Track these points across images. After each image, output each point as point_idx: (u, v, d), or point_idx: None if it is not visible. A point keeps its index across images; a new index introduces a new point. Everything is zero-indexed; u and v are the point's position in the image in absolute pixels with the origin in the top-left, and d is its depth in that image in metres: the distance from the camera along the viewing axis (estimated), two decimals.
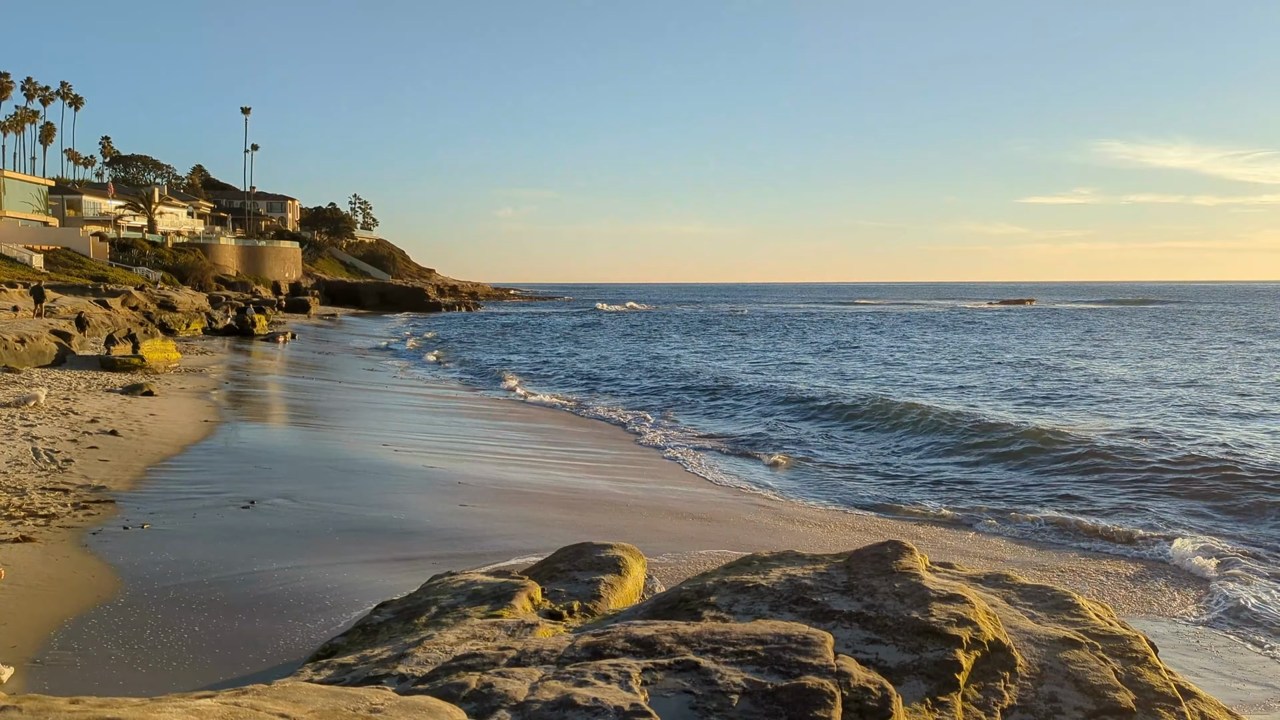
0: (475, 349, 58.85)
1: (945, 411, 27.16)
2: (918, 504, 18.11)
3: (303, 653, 8.80)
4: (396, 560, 12.24)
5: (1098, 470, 20.26)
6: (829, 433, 26.18)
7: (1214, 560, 13.60)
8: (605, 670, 5.67)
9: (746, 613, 7.04)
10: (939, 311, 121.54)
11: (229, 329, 57.88)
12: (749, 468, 21.70)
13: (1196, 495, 18.08)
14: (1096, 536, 15.41)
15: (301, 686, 5.29)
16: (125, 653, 8.89)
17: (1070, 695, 6.24)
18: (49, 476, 15.70)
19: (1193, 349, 55.75)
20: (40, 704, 4.35)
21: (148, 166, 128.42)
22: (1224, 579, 12.82)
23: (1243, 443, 22.77)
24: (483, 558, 12.34)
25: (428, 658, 6.33)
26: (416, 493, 16.39)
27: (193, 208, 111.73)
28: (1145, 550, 14.64)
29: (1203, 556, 13.80)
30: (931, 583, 7.22)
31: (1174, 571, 13.62)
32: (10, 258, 69.43)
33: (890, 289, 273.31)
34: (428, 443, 22.06)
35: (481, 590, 8.09)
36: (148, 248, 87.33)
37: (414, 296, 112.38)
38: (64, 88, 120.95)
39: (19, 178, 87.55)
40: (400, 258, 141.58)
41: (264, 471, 17.49)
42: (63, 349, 34.73)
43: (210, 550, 12.30)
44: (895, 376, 40.66)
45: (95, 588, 10.55)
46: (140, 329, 45.99)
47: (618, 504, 16.70)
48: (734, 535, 14.81)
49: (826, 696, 5.37)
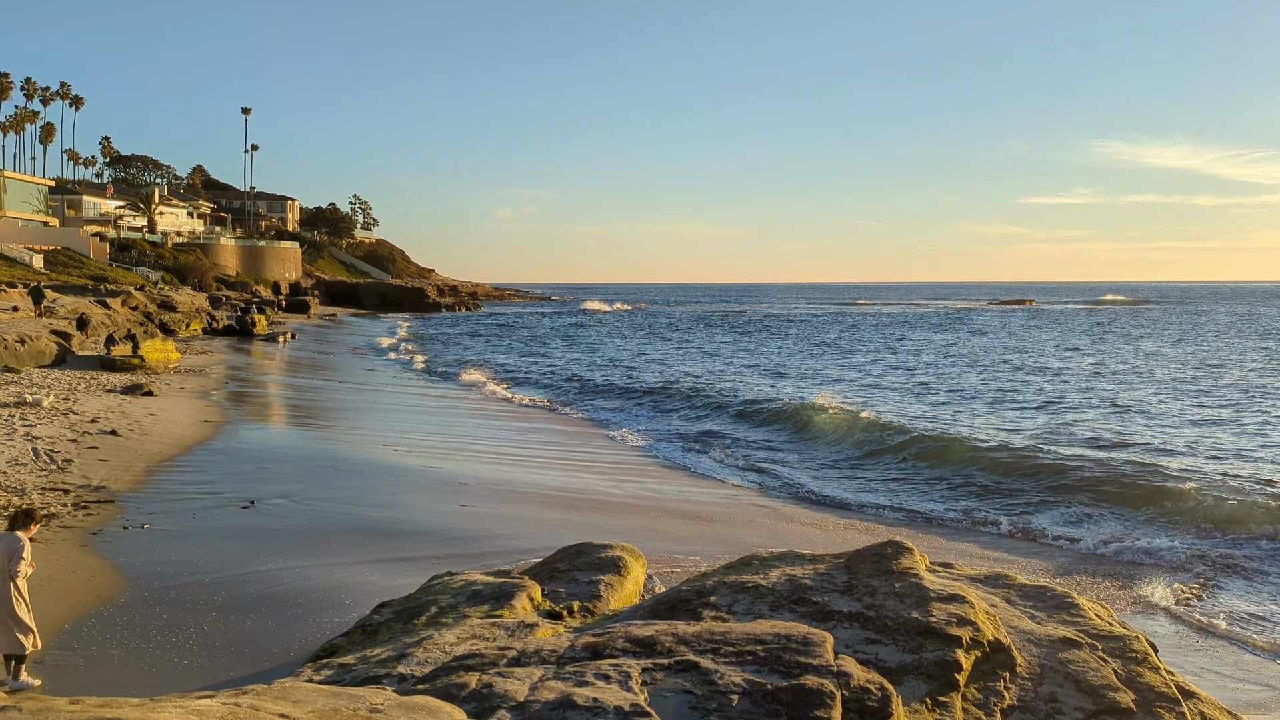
0: (466, 348, 58.96)
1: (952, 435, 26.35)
2: (914, 507, 18.12)
3: (303, 653, 8.80)
4: (396, 560, 12.24)
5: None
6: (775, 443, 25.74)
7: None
8: (605, 670, 5.67)
9: (746, 613, 7.04)
10: (931, 312, 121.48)
11: (229, 329, 57.88)
12: (701, 460, 21.82)
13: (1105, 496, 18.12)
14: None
15: (301, 686, 5.29)
16: (126, 652, 8.89)
17: (1070, 695, 6.24)
18: (49, 476, 15.69)
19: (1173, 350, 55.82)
20: (40, 704, 4.35)
21: (148, 166, 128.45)
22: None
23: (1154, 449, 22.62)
24: (481, 558, 12.35)
25: (428, 658, 6.33)
26: (416, 492, 16.40)
27: (193, 208, 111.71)
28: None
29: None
30: (931, 583, 7.22)
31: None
32: (10, 258, 69.43)
33: (889, 289, 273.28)
34: (426, 443, 22.07)
35: (481, 590, 8.09)
36: (148, 248, 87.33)
37: (414, 297, 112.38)
38: (64, 88, 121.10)
39: (19, 178, 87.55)
40: (400, 258, 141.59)
41: (264, 471, 17.49)
42: (63, 349, 34.73)
43: (211, 550, 12.30)
44: (884, 381, 40.67)
45: (95, 588, 10.55)
46: (140, 329, 45.98)
47: (612, 503, 16.72)
48: (731, 534, 14.82)
49: (826, 696, 5.38)
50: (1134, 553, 14.56)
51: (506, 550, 12.86)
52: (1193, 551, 14.46)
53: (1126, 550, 14.72)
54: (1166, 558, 14.27)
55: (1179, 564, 13.98)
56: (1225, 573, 13.51)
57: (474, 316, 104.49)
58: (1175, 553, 14.41)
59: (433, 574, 9.56)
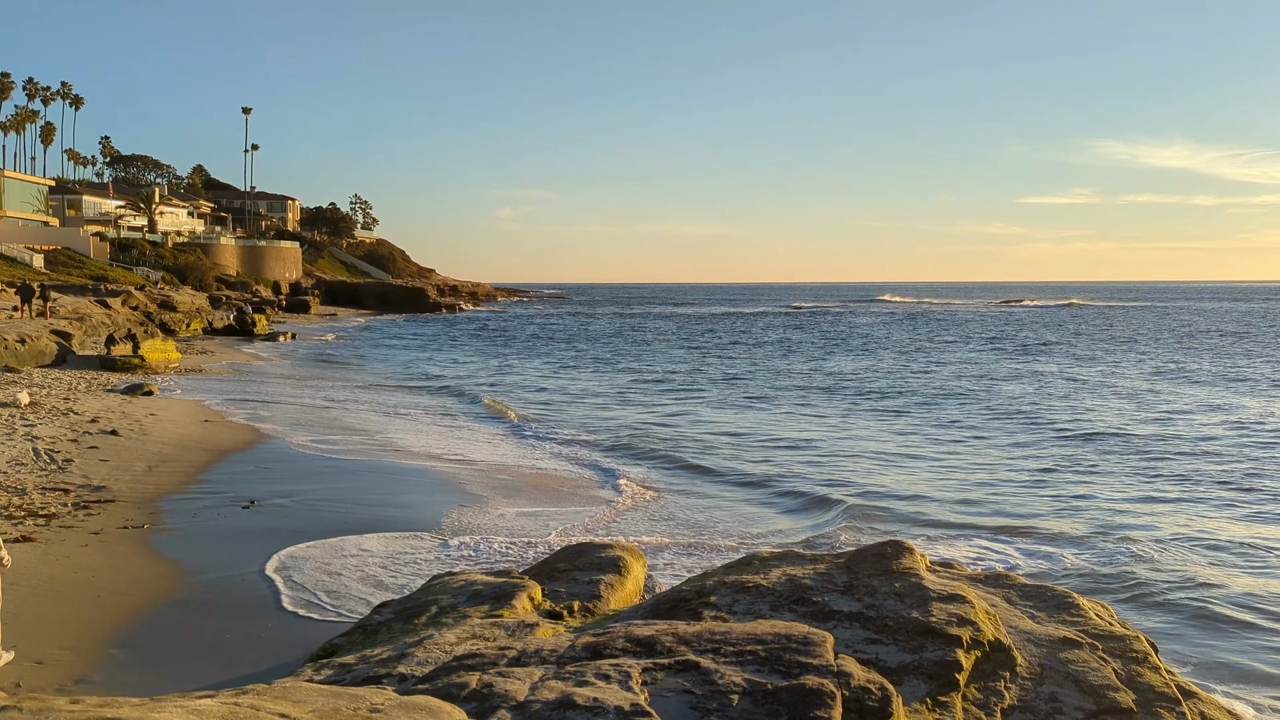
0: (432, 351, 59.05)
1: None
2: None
3: (303, 653, 8.80)
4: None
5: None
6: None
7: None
8: (605, 670, 5.67)
9: (747, 613, 7.04)
10: (980, 313, 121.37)
11: (229, 329, 57.91)
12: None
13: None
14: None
15: (301, 686, 5.29)
16: (126, 652, 8.89)
17: (1070, 695, 6.24)
18: (49, 476, 15.70)
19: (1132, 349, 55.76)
20: (40, 704, 4.35)
21: (148, 166, 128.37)
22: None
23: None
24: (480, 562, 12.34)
25: (428, 658, 6.33)
26: (416, 492, 16.41)
27: (193, 208, 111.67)
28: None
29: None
30: (932, 583, 7.22)
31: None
32: (10, 258, 69.45)
33: (888, 289, 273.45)
34: (426, 443, 22.11)
35: (482, 590, 8.09)
36: (148, 248, 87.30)
37: (415, 297, 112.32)
38: (64, 88, 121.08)
39: (19, 177, 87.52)
40: (400, 258, 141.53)
41: (264, 471, 17.51)
42: (63, 349, 34.74)
43: (211, 550, 12.31)
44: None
45: (96, 587, 10.55)
46: (140, 329, 46.00)
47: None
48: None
49: (826, 696, 5.38)
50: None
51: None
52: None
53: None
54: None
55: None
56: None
57: (480, 315, 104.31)
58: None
59: (433, 574, 9.58)
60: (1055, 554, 13.45)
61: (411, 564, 12.16)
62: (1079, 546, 13.82)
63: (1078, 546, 13.82)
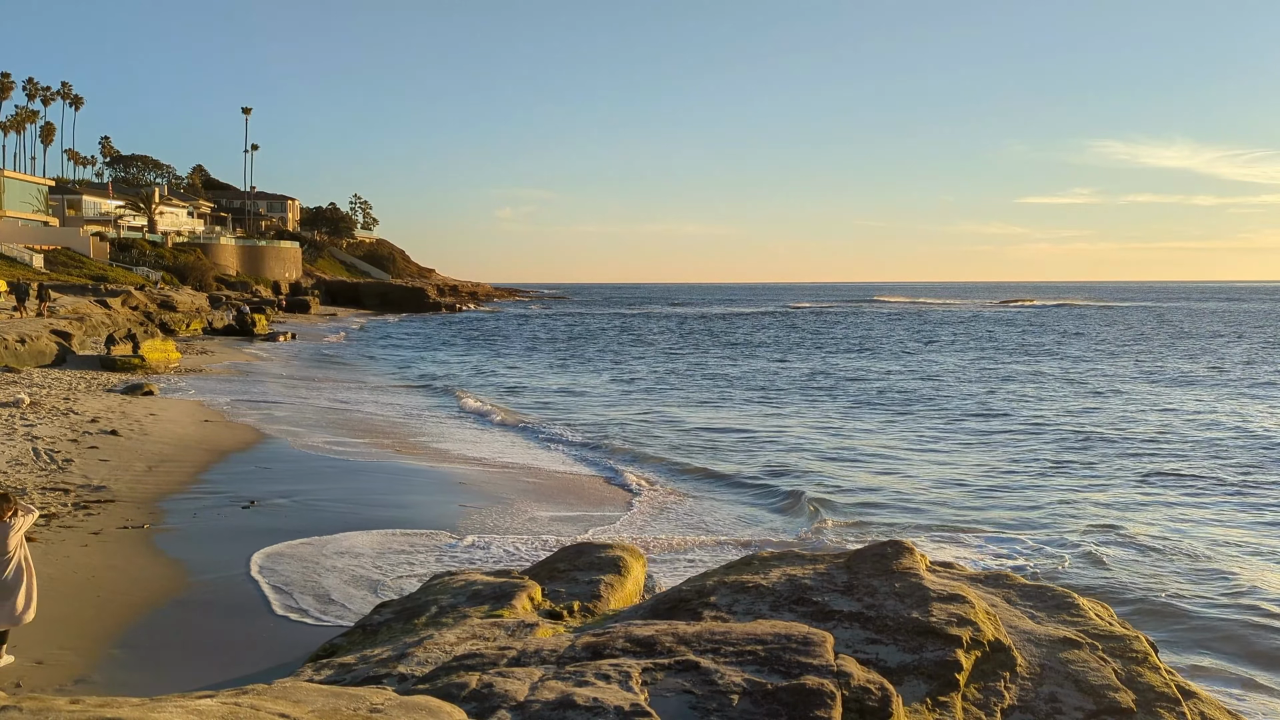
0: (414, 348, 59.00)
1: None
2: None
3: (303, 653, 8.80)
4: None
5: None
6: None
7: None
8: (605, 670, 5.66)
9: (747, 613, 7.04)
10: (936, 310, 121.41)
11: (229, 329, 57.88)
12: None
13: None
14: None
15: (301, 686, 5.29)
16: (126, 652, 8.89)
17: (1070, 695, 6.24)
18: (49, 476, 15.70)
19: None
20: (40, 704, 4.35)
21: (148, 166, 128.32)
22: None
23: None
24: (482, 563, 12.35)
25: (428, 658, 6.33)
26: (416, 492, 16.41)
27: (193, 208, 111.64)
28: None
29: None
30: (932, 583, 7.22)
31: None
32: (10, 257, 69.44)
33: (888, 289, 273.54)
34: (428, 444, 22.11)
35: (482, 590, 8.08)
36: (148, 248, 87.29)
37: (415, 297, 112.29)
38: (64, 88, 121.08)
39: (19, 177, 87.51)
40: (400, 258, 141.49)
41: (264, 471, 17.51)
42: (63, 349, 34.73)
43: (211, 549, 12.31)
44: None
45: (96, 587, 10.54)
46: (140, 329, 45.99)
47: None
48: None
49: (826, 696, 5.37)
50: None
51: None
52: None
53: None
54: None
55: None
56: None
57: (476, 316, 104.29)
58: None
59: (433, 574, 9.58)
60: (1055, 554, 13.46)
61: (407, 564, 12.16)
62: (1078, 546, 13.82)
63: (1077, 546, 13.83)
